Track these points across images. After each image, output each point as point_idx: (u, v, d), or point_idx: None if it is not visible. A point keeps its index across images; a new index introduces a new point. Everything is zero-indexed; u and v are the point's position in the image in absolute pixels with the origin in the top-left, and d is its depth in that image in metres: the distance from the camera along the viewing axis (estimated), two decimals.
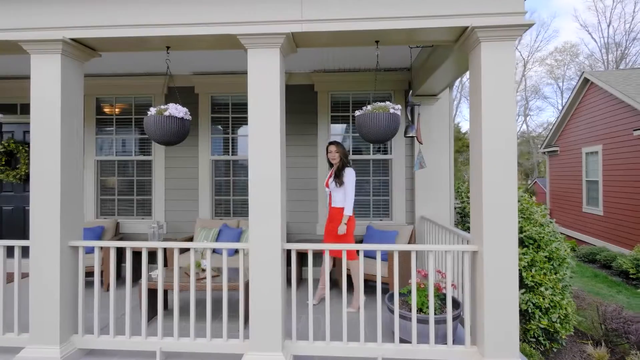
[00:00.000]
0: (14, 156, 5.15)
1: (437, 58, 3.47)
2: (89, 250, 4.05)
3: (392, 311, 2.76)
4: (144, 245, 2.73)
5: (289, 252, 3.40)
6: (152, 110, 2.69)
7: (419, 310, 2.75)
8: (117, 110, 5.09)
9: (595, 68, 25.61)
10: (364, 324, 2.66)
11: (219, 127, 4.99)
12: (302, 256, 4.31)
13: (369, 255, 3.97)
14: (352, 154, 4.83)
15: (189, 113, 2.82)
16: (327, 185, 3.67)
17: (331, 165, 3.69)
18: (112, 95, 5.02)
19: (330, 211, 3.63)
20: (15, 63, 4.36)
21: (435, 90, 4.42)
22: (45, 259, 2.62)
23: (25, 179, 5.11)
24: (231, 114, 4.95)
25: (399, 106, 2.71)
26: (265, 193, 2.54)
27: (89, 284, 3.36)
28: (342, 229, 3.46)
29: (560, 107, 26.76)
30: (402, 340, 2.64)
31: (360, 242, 4.41)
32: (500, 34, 2.40)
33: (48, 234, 2.63)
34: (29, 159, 5.03)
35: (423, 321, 2.65)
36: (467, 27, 2.45)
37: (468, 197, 4.89)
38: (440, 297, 2.83)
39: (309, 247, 2.64)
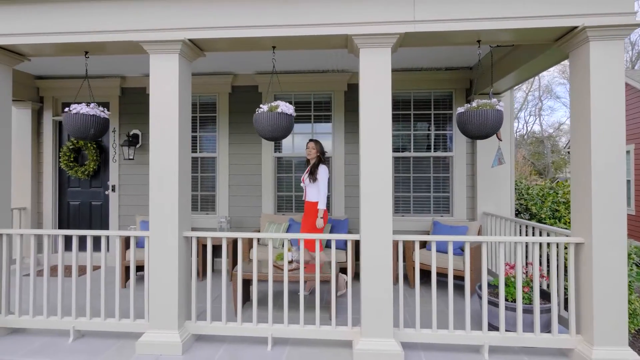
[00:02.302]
0: (81, 152, 5.32)
1: (519, 57, 3.56)
2: None
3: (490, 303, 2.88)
4: (254, 236, 2.86)
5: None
6: (264, 107, 2.81)
7: (513, 300, 2.85)
8: None
9: None
10: (452, 315, 2.76)
11: None
12: None
13: (441, 249, 4.06)
14: (400, 151, 4.93)
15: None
16: (303, 181, 3.90)
17: (309, 161, 3.91)
18: None
19: (305, 205, 3.87)
20: (80, 63, 4.51)
21: (500, 89, 4.50)
22: (164, 249, 2.76)
23: (93, 175, 5.28)
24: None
25: (502, 103, 2.81)
26: (377, 187, 2.65)
27: None
28: (319, 222, 3.67)
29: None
30: (492, 327, 2.76)
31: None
32: (610, 34, 2.48)
33: (167, 225, 2.77)
34: (96, 156, 5.21)
35: (515, 310, 2.75)
36: (574, 27, 2.54)
37: (528, 194, 4.98)
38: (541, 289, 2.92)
39: (415, 238, 2.75)
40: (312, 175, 3.74)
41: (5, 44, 2.89)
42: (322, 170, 3.76)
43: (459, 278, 4.17)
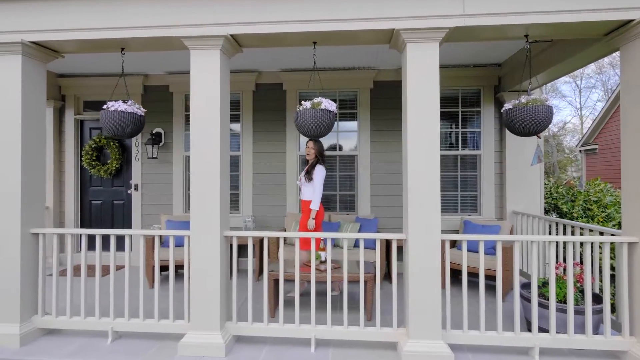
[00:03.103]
0: (103, 151, 5.29)
1: (557, 53, 3.49)
2: (179, 243, 4.17)
3: (527, 300, 2.82)
4: (312, 235, 2.80)
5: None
6: (307, 104, 2.76)
7: (559, 301, 2.79)
8: None
9: (616, 66, 25.06)
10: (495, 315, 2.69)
11: None
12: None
13: (472, 249, 4.00)
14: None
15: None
16: (300, 180, 3.87)
17: (307, 161, 3.85)
18: None
19: (301, 204, 3.84)
20: (103, 61, 4.48)
21: (527, 86, 4.43)
22: (205, 249, 2.71)
23: (115, 174, 5.24)
24: None
25: (551, 99, 2.74)
26: (425, 185, 2.59)
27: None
28: (310, 223, 3.63)
29: (578, 106, 26.34)
30: (541, 330, 2.70)
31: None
32: None
33: (209, 225, 2.71)
34: (119, 154, 5.17)
35: (564, 311, 2.68)
36: (628, 21, 2.47)
37: (557, 193, 4.90)
38: (580, 289, 2.85)
39: (464, 237, 2.69)
40: (308, 174, 3.72)
41: (40, 40, 2.84)
42: (319, 170, 3.71)
43: (491, 278, 4.09)
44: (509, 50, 4.28)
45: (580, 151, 14.54)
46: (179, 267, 4.52)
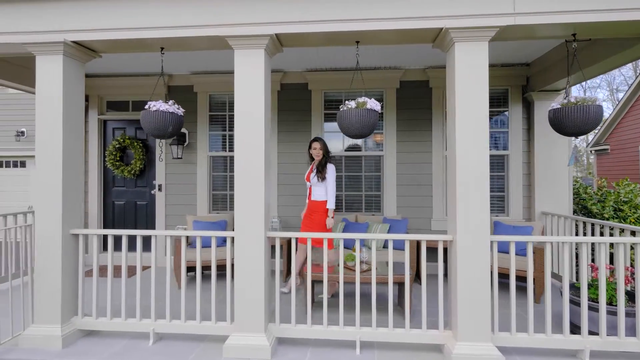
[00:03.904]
0: (126, 151, 5.28)
1: (597, 52, 3.45)
2: (206, 244, 4.10)
3: (573, 302, 2.79)
4: (353, 237, 2.78)
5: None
6: (351, 104, 2.73)
7: (607, 303, 2.75)
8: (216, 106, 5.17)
9: (621, 67, 24.97)
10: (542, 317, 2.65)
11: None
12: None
13: (503, 250, 3.96)
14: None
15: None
16: (308, 179, 3.85)
17: (312, 160, 3.86)
18: (221, 92, 5.10)
19: (310, 204, 3.80)
20: (127, 61, 4.47)
21: (559, 86, 4.40)
22: (249, 250, 2.69)
23: (139, 175, 5.23)
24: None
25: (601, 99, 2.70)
26: (474, 186, 2.56)
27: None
28: (329, 222, 3.66)
29: None
30: (578, 330, 2.67)
31: None
32: None
33: (253, 226, 2.69)
34: (143, 155, 5.16)
35: (613, 314, 2.65)
36: None
37: (586, 193, 4.86)
38: (626, 291, 2.82)
39: (512, 239, 2.65)
40: (320, 174, 3.70)
41: (81, 40, 2.83)
42: (331, 169, 3.72)
43: (522, 279, 4.04)
44: (539, 49, 4.24)
45: (591, 151, 14.47)
46: (204, 269, 4.48)
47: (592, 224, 3.71)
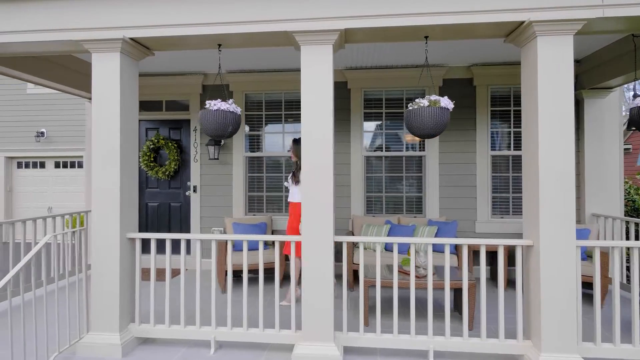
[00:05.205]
0: (159, 152, 5.18)
1: None
2: (253, 246, 3.97)
3: None
4: (415, 241, 2.65)
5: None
6: (423, 102, 2.61)
7: None
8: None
9: None
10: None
11: (383, 122, 4.91)
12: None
13: None
14: (497, 150, 4.68)
15: None
16: (287, 180, 3.87)
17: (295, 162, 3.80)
18: (257, 91, 4.99)
19: (289, 206, 3.80)
20: (160, 60, 4.36)
21: (612, 84, 4.25)
22: (318, 255, 2.57)
23: (172, 176, 5.13)
24: (384, 109, 4.86)
25: None
26: (560, 188, 2.42)
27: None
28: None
29: None
30: None
31: None
32: None
33: (322, 229, 2.58)
34: (177, 155, 5.06)
35: None
36: None
37: (638, 195, 4.70)
38: None
39: (597, 244, 2.51)
40: (295, 177, 3.70)
41: (139, 37, 2.72)
42: None
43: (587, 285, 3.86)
44: (591, 46, 4.09)
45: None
46: (240, 272, 4.36)
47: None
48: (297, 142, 3.67)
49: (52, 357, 2.49)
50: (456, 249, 4.02)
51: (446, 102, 2.58)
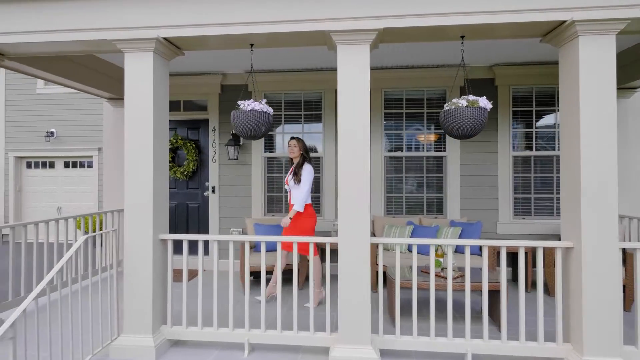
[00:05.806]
0: (177, 152, 5.16)
1: None
2: (272, 247, 3.95)
3: None
4: (440, 242, 2.62)
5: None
6: (462, 102, 2.58)
7: None
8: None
9: None
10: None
11: (392, 122, 4.89)
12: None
13: None
14: (519, 150, 4.64)
15: None
16: (287, 183, 3.59)
17: (291, 162, 3.66)
18: (276, 91, 4.97)
19: (290, 209, 3.54)
20: (179, 59, 4.34)
21: (637, 84, 4.22)
22: (356, 257, 2.55)
23: (191, 176, 5.11)
24: (404, 109, 4.83)
25: None
26: (604, 189, 2.40)
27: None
28: (285, 221, 3.45)
29: None
30: None
31: None
32: None
33: (359, 231, 2.56)
34: (195, 155, 5.04)
35: None
36: None
37: None
38: None
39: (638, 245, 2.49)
40: (296, 176, 3.48)
41: (172, 36, 2.69)
42: (306, 170, 3.49)
43: None
44: (619, 45, 4.05)
45: None
46: (259, 273, 4.33)
47: None
48: (295, 138, 3.61)
49: (87, 359, 2.47)
50: (480, 250, 3.99)
51: (485, 102, 2.55)
